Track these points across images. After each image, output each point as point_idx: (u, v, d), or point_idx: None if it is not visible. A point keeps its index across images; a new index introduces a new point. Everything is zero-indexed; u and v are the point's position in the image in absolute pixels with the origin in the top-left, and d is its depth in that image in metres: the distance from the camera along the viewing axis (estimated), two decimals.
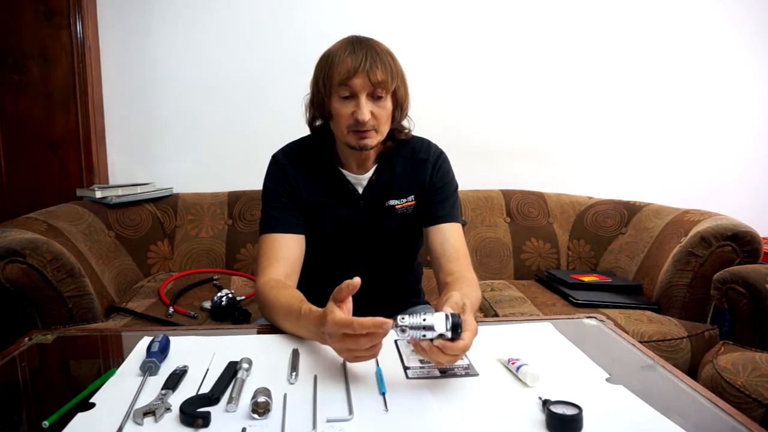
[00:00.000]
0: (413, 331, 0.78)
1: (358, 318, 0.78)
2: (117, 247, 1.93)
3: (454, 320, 0.77)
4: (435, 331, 0.77)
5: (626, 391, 0.80)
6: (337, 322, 0.79)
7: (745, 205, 2.39)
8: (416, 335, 0.78)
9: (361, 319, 0.77)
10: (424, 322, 0.77)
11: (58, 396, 0.82)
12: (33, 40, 2.01)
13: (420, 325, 0.77)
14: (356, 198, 1.22)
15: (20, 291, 1.42)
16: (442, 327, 0.77)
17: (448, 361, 0.79)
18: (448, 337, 0.77)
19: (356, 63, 1.07)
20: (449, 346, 0.77)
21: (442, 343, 0.77)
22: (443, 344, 0.77)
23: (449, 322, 0.77)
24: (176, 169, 2.28)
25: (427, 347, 0.78)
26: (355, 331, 0.77)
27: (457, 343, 0.77)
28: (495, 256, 2.12)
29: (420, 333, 0.78)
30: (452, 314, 0.78)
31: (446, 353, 0.77)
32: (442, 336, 0.77)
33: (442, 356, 0.78)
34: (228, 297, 1.60)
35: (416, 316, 0.78)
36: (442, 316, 0.78)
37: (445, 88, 2.31)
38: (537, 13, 2.32)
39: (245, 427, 0.70)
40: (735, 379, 1.17)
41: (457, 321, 0.77)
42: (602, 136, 2.42)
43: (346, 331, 0.78)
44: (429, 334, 0.77)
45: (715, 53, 2.40)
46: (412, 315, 0.78)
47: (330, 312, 0.81)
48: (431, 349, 0.78)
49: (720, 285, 1.40)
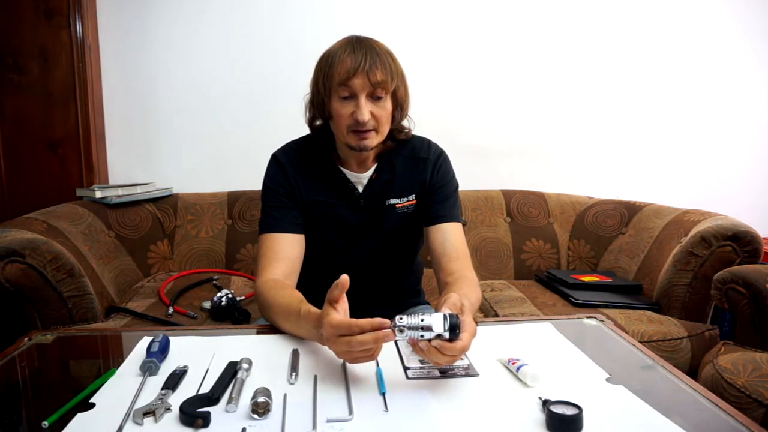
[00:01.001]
0: (411, 331, 0.78)
1: (355, 320, 0.78)
2: (117, 247, 1.93)
3: (452, 321, 0.77)
4: (433, 331, 0.77)
5: (626, 391, 0.80)
6: (334, 324, 0.79)
7: (745, 204, 2.39)
8: (414, 336, 0.78)
9: (359, 320, 0.77)
10: (422, 322, 0.77)
11: (58, 396, 0.82)
12: (33, 40, 2.01)
13: (418, 326, 0.77)
14: (356, 197, 1.22)
15: (20, 291, 1.42)
16: (440, 328, 0.77)
17: (446, 361, 0.79)
18: (446, 337, 0.77)
19: (356, 63, 1.07)
20: (447, 346, 0.77)
21: (440, 344, 0.77)
22: (441, 345, 0.77)
23: (447, 323, 0.77)
24: (176, 169, 2.28)
25: (425, 348, 0.78)
26: (352, 332, 0.77)
27: (455, 344, 0.77)
28: (495, 256, 2.12)
29: (418, 333, 0.77)
30: (450, 315, 0.78)
31: (444, 354, 0.77)
32: (440, 337, 0.77)
33: (441, 357, 0.78)
34: (228, 297, 1.60)
35: (414, 316, 0.78)
36: (440, 317, 0.77)
37: (445, 88, 2.31)
38: (537, 13, 2.32)
39: (245, 427, 0.70)
40: (735, 379, 1.17)
41: (455, 322, 0.77)
42: (602, 136, 2.42)
43: (343, 332, 0.78)
44: (427, 334, 0.77)
45: (714, 50, 2.40)
46: (410, 315, 0.78)
47: (326, 314, 0.81)
48: (429, 349, 0.78)
49: (720, 285, 1.40)
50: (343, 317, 0.81)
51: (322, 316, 0.82)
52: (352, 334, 0.77)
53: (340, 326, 0.78)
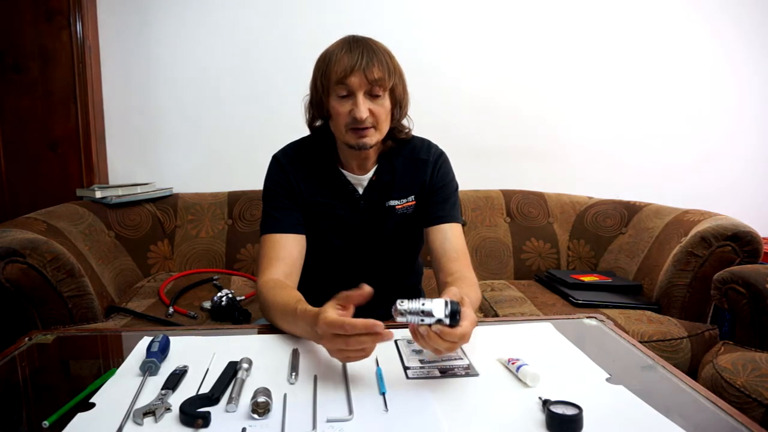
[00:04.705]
0: (412, 316, 0.78)
1: (350, 319, 0.78)
2: (117, 247, 1.93)
3: (453, 307, 0.77)
4: (434, 316, 0.77)
5: (626, 391, 0.80)
6: (329, 323, 0.79)
7: (745, 204, 2.39)
8: (415, 320, 0.78)
9: (353, 320, 0.77)
10: (422, 306, 0.77)
11: (58, 396, 0.82)
12: (33, 40, 2.01)
13: (419, 310, 0.78)
14: (356, 198, 1.22)
15: (20, 291, 1.42)
16: (441, 313, 0.77)
17: (445, 347, 0.79)
18: (446, 323, 0.77)
19: (353, 61, 1.07)
20: (447, 332, 0.77)
21: (441, 329, 0.77)
22: (441, 330, 0.77)
23: (448, 309, 0.77)
24: (176, 169, 2.28)
25: (425, 333, 0.78)
26: (346, 332, 0.77)
27: (455, 330, 0.77)
28: (495, 256, 2.12)
29: (418, 318, 0.78)
30: (452, 301, 0.78)
31: (444, 339, 0.77)
32: (440, 322, 0.77)
33: (440, 342, 0.78)
34: (228, 297, 1.60)
35: (415, 301, 0.78)
36: (441, 302, 0.78)
37: (445, 88, 2.31)
38: (537, 13, 2.32)
39: (245, 427, 0.70)
40: (735, 379, 1.17)
41: (456, 308, 0.78)
42: (602, 136, 2.42)
43: (337, 331, 0.78)
44: (427, 319, 0.78)
45: (713, 52, 2.39)
46: (411, 300, 0.79)
47: (323, 311, 0.82)
48: (429, 334, 0.78)
49: (720, 285, 1.40)
50: (338, 316, 0.80)
51: (319, 313, 0.82)
52: (346, 334, 0.77)
53: (333, 324, 0.78)
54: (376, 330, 0.77)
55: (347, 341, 0.78)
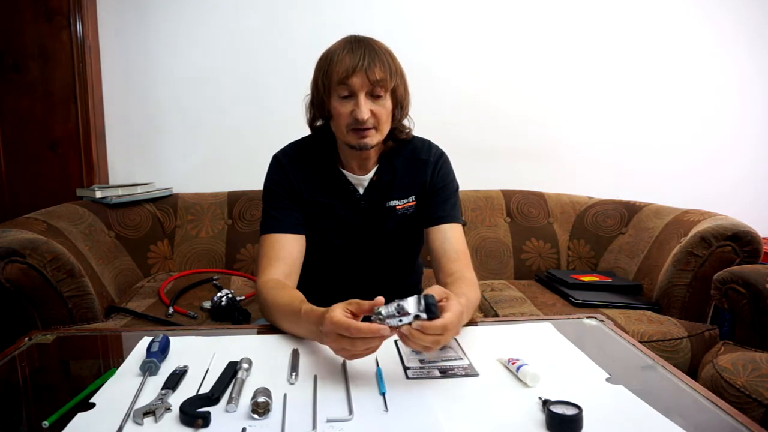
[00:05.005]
0: (390, 319, 0.78)
1: (356, 322, 0.78)
2: (117, 247, 1.93)
3: (427, 300, 0.78)
4: (410, 314, 0.78)
5: (626, 391, 0.80)
6: (335, 323, 0.79)
7: (745, 204, 2.39)
8: (394, 323, 0.78)
9: (359, 324, 0.78)
10: (397, 307, 0.78)
11: (58, 396, 0.82)
12: (33, 40, 2.01)
13: (394, 312, 0.78)
14: (357, 199, 1.22)
15: (20, 291, 1.42)
16: (415, 308, 0.78)
17: (431, 341, 0.79)
18: (424, 318, 0.77)
19: (354, 62, 1.07)
20: (427, 325, 0.77)
21: (421, 324, 0.78)
22: (422, 324, 0.77)
23: (422, 303, 0.78)
24: (176, 169, 2.28)
25: (407, 332, 0.78)
26: (351, 335, 0.78)
27: (435, 322, 0.78)
28: (495, 256, 2.12)
29: (396, 320, 0.78)
30: (425, 296, 0.78)
31: (427, 333, 0.77)
32: (419, 317, 0.77)
33: (424, 337, 0.78)
34: (228, 297, 1.60)
35: (391, 304, 0.79)
36: (414, 299, 0.78)
37: (445, 88, 2.31)
38: (537, 13, 2.32)
39: (245, 427, 0.70)
40: (735, 379, 1.17)
41: (431, 301, 0.78)
42: (602, 136, 2.42)
43: (343, 333, 0.78)
44: (405, 318, 0.78)
45: (715, 52, 2.39)
46: (387, 304, 0.79)
47: (331, 311, 0.82)
48: (411, 332, 0.78)
49: (720, 285, 1.40)
50: (345, 318, 0.81)
51: (326, 312, 0.82)
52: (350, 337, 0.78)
53: (340, 325, 0.79)
54: (382, 334, 0.77)
55: (353, 342, 0.79)
